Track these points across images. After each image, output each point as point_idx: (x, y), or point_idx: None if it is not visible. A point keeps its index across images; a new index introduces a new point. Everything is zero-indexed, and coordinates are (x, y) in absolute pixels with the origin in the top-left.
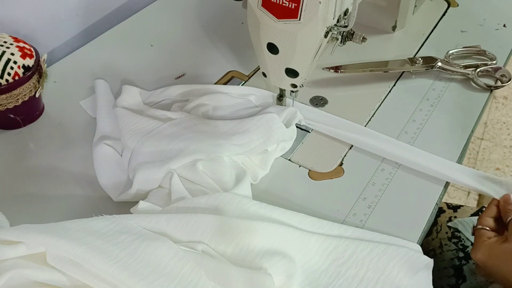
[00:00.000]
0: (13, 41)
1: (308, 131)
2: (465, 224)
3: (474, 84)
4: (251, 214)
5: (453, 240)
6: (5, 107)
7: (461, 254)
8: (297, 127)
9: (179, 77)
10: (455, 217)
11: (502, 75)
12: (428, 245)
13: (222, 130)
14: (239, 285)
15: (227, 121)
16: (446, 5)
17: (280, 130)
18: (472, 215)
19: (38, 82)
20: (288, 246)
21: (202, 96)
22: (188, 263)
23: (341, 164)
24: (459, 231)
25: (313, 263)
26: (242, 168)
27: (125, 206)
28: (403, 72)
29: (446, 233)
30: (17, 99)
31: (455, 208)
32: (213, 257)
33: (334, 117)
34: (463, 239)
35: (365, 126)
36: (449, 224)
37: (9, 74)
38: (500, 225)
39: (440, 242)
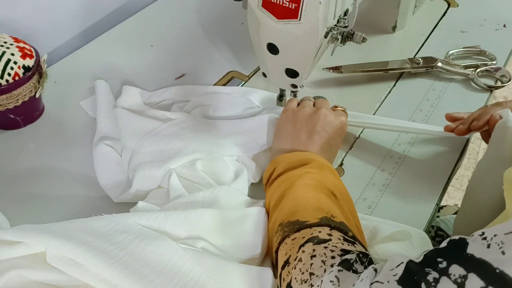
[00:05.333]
0: (13, 41)
1: None
2: (447, 222)
3: (474, 85)
4: (245, 204)
5: (437, 239)
6: (5, 108)
7: None
8: None
9: (179, 77)
10: (438, 216)
11: (502, 76)
12: None
13: (222, 130)
14: (239, 282)
15: (227, 121)
16: (446, 5)
17: None
18: (455, 213)
19: (38, 82)
20: None
21: (203, 96)
22: (188, 261)
23: (341, 164)
24: (441, 230)
25: None
26: (241, 167)
27: (125, 206)
28: (403, 72)
29: (429, 232)
30: (17, 100)
31: (439, 208)
32: (213, 254)
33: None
34: (446, 237)
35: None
36: (432, 223)
37: (9, 74)
38: None
39: None
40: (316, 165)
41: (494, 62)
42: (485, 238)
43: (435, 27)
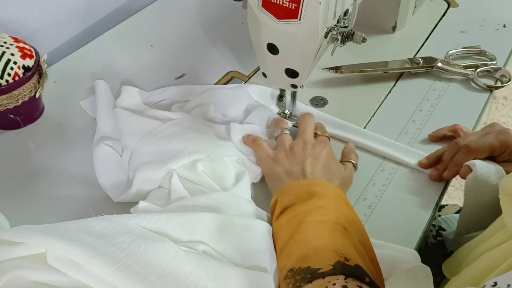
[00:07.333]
0: (13, 41)
1: None
2: (448, 221)
3: (474, 85)
4: (249, 215)
5: (438, 238)
6: (5, 108)
7: (446, 252)
8: (296, 127)
9: (179, 77)
10: (439, 215)
11: (502, 76)
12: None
13: (222, 132)
14: (240, 286)
15: (227, 125)
16: (446, 5)
17: None
18: (456, 213)
19: (38, 82)
20: None
21: (202, 95)
22: (188, 264)
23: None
24: (443, 229)
25: None
26: (242, 168)
27: (125, 206)
28: (403, 72)
29: (431, 231)
30: (17, 100)
31: (440, 207)
32: (214, 258)
33: (333, 119)
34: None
35: (365, 126)
36: (433, 222)
37: (9, 74)
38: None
39: (426, 241)
40: (323, 195)
41: (494, 62)
42: None
43: (435, 27)
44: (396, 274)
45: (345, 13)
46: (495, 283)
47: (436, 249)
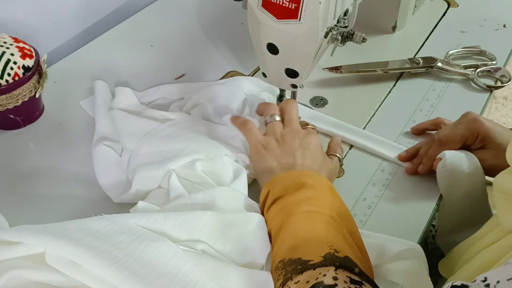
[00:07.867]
0: (13, 41)
1: None
2: None
3: (474, 85)
4: (245, 208)
5: None
6: (5, 108)
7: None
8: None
9: (179, 77)
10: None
11: (502, 76)
12: None
13: (221, 132)
14: (239, 284)
15: (225, 126)
16: (446, 5)
17: None
18: None
19: (38, 82)
20: None
21: (198, 93)
22: (187, 263)
23: (341, 164)
24: None
25: None
26: (240, 167)
27: (125, 207)
28: (403, 72)
29: (431, 231)
30: (17, 100)
31: (439, 208)
32: (213, 256)
33: (333, 120)
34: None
35: (365, 126)
36: (433, 222)
37: (9, 74)
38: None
39: (426, 241)
40: (311, 186)
41: (494, 62)
42: (488, 285)
43: (435, 27)
44: (393, 262)
45: (345, 13)
46: (485, 278)
47: (435, 249)
